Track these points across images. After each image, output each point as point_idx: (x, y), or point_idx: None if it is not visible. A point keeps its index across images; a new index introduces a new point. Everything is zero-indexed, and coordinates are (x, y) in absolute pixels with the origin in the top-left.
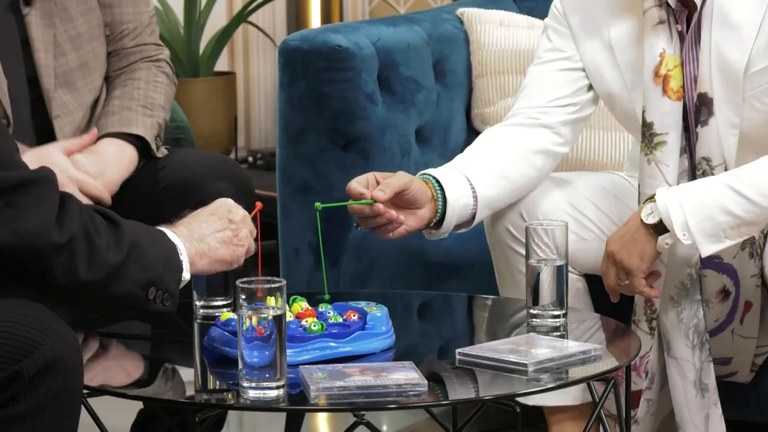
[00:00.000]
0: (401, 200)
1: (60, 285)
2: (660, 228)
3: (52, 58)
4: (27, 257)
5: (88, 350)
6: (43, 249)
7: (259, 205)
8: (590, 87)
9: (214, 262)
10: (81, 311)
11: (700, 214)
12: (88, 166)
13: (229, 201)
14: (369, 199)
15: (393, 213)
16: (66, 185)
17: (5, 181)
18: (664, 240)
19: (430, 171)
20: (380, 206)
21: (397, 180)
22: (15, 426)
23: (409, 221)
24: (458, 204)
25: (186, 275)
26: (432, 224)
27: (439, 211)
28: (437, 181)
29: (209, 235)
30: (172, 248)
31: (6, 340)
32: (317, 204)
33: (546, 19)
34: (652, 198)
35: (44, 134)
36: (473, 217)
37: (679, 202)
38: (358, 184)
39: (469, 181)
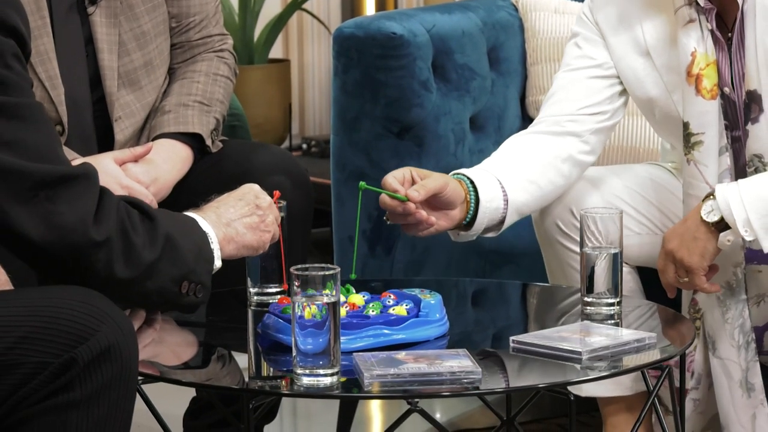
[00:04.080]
0: (436, 201)
1: (97, 281)
2: (721, 225)
3: (116, 59)
4: (65, 253)
5: (142, 336)
6: (80, 245)
7: (277, 193)
8: (621, 94)
9: (241, 248)
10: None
11: (761, 209)
12: (139, 175)
13: (256, 187)
14: (404, 196)
15: (423, 214)
16: (117, 193)
17: (46, 175)
18: (725, 237)
19: (464, 171)
20: (411, 206)
21: (433, 182)
22: (70, 412)
23: (441, 221)
24: (490, 206)
25: (218, 263)
26: (462, 225)
27: (471, 212)
28: (471, 182)
29: (237, 221)
30: (204, 238)
31: (62, 326)
32: (361, 183)
33: (574, 27)
34: (710, 196)
35: (105, 137)
36: (502, 221)
37: (740, 198)
38: (394, 179)
39: (501, 184)
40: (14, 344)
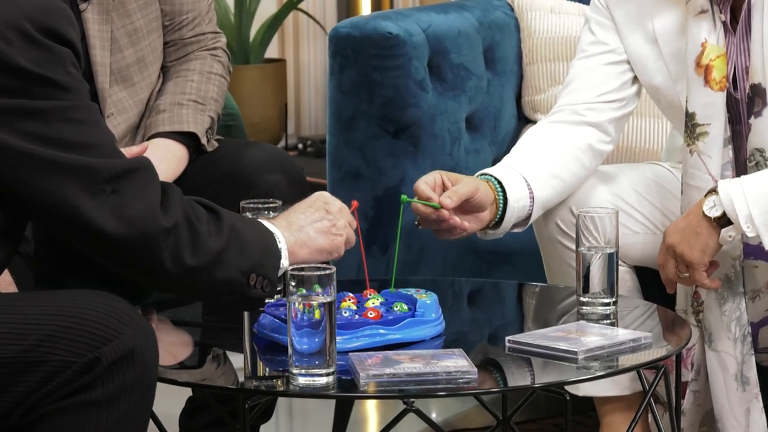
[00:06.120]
0: (467, 205)
1: (167, 270)
2: (723, 221)
3: (108, 55)
4: (136, 244)
5: None
6: (151, 234)
7: (355, 203)
8: (634, 81)
9: (314, 252)
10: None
11: (763, 206)
12: None
13: (326, 194)
14: (436, 203)
15: (457, 220)
16: None
17: (111, 168)
18: (727, 233)
19: (490, 171)
20: (446, 213)
21: (464, 187)
22: (90, 411)
23: (471, 223)
24: (518, 206)
25: (285, 262)
26: (490, 225)
27: (499, 212)
28: (498, 182)
29: (307, 226)
30: (270, 236)
31: (86, 326)
32: (403, 197)
33: (587, 11)
34: (713, 191)
35: None
36: (529, 217)
37: (743, 194)
38: (426, 185)
39: (527, 181)
40: (39, 342)
